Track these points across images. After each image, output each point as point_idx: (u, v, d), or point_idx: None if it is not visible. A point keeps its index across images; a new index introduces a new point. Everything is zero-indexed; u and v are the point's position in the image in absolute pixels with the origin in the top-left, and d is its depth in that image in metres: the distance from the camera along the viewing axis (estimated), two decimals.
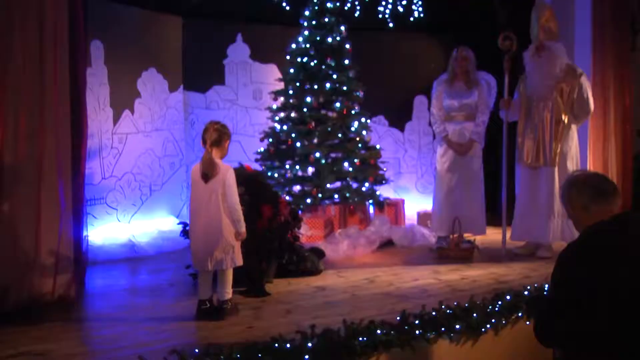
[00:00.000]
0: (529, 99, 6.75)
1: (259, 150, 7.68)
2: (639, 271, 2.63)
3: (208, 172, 4.54)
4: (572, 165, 6.57)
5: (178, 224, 6.02)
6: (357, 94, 7.71)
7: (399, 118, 9.30)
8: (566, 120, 6.59)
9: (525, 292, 4.87)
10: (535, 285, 5.00)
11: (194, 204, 4.62)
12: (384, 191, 7.92)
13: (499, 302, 4.65)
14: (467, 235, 7.01)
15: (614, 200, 2.84)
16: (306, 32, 7.62)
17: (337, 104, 7.46)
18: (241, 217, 4.60)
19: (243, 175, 5.44)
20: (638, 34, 8.93)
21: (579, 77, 6.59)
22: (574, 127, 6.69)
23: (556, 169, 6.56)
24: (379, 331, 4.00)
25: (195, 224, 4.61)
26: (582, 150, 7.09)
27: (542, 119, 6.64)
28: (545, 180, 6.60)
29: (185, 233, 5.67)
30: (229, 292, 4.68)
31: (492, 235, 7.51)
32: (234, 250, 4.60)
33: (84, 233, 5.24)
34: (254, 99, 8.53)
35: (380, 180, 7.62)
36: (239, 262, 4.67)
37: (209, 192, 4.54)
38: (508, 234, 6.83)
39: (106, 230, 7.01)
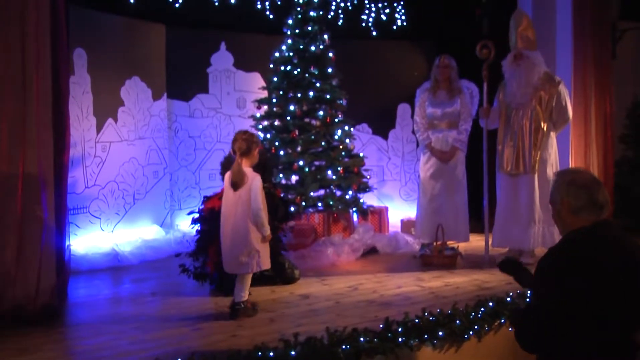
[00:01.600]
0: (508, 107, 6.78)
1: None
2: (616, 280, 2.64)
3: (237, 182, 4.78)
4: (551, 171, 6.59)
5: (188, 213, 6.10)
6: (341, 102, 7.71)
7: (383, 126, 9.31)
8: (545, 128, 6.63)
9: (508, 299, 4.88)
10: (518, 291, 5.02)
11: (223, 210, 4.89)
12: (367, 199, 7.92)
13: (482, 309, 4.66)
14: (451, 243, 7.02)
15: (603, 212, 2.84)
16: (289, 41, 7.62)
17: (321, 112, 7.45)
18: (264, 221, 4.80)
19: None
20: (618, 42, 9.03)
21: (557, 85, 6.63)
22: (553, 135, 6.73)
23: (536, 176, 6.59)
24: (362, 339, 3.99)
25: (224, 229, 4.87)
26: (563, 156, 7.14)
27: (521, 126, 6.68)
28: (525, 188, 6.62)
29: (196, 221, 5.78)
30: (244, 295, 4.86)
31: (475, 242, 7.53)
32: (259, 255, 4.81)
33: (67, 242, 5.19)
34: (237, 107, 8.52)
35: (364, 188, 7.62)
36: (265, 266, 4.90)
37: (237, 199, 4.79)
38: (490, 241, 6.85)
39: (89, 240, 6.96)
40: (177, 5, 7.97)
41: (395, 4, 9.31)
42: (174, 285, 5.92)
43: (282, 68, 7.57)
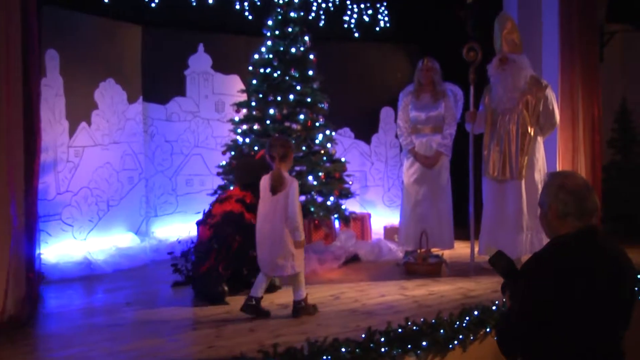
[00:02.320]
0: (495, 112, 6.81)
1: (221, 164, 7.63)
2: (601, 286, 2.66)
3: (276, 186, 5.05)
4: (539, 177, 6.63)
5: (197, 213, 6.03)
6: (322, 105, 7.71)
7: (365, 130, 9.33)
8: (532, 133, 6.66)
9: (494, 308, 4.90)
10: (504, 300, 5.03)
11: (261, 213, 5.16)
12: (349, 205, 7.92)
13: (467, 318, 4.67)
14: (435, 250, 7.04)
15: (591, 218, 2.86)
16: (269, 43, 7.61)
17: (301, 116, 7.45)
18: (299, 226, 5.06)
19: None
20: (606, 45, 9.12)
21: (544, 89, 6.67)
22: (540, 139, 6.76)
23: (523, 181, 6.62)
24: (343, 349, 3.99)
25: (261, 231, 5.14)
26: (550, 161, 7.18)
27: (507, 131, 6.71)
28: (512, 194, 6.65)
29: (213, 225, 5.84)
30: (302, 293, 5.12)
31: (461, 250, 7.55)
32: (294, 258, 5.07)
33: (37, 251, 5.14)
34: (216, 110, 8.50)
35: (346, 194, 7.62)
36: (299, 269, 5.12)
37: (275, 203, 5.06)
38: (476, 249, 6.88)
39: (61, 248, 6.90)
40: (153, 5, 7.94)
41: (378, 5, 9.35)
42: (149, 295, 5.90)
43: (262, 70, 7.56)
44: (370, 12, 9.23)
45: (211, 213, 5.93)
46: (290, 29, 7.58)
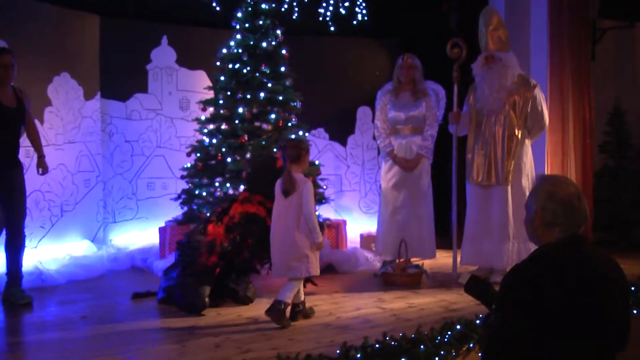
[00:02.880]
0: (480, 113, 6.87)
1: (185, 166, 7.62)
2: (589, 299, 2.67)
3: (288, 189, 5.30)
4: (527, 182, 6.69)
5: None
6: (295, 104, 7.73)
7: (341, 131, 9.36)
8: (520, 135, 6.72)
9: (477, 321, 4.93)
10: (485, 315, 5.07)
11: (274, 215, 5.41)
12: (324, 211, 7.95)
13: (449, 333, 4.69)
14: (415, 260, 7.08)
15: (580, 228, 2.88)
16: (238, 36, 7.63)
17: (273, 116, 7.47)
18: (315, 226, 5.30)
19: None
20: (598, 42, 9.23)
21: (532, 89, 6.73)
22: (527, 142, 6.82)
23: (509, 187, 6.67)
24: None
25: (274, 234, 5.38)
26: (539, 166, 7.26)
27: (493, 134, 6.76)
28: (498, 200, 6.70)
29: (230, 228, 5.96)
30: (288, 297, 5.26)
31: (442, 259, 7.60)
32: (308, 260, 5.29)
33: None
34: (180, 108, 8.49)
35: (320, 199, 7.65)
36: (314, 272, 5.35)
37: (288, 205, 5.30)
38: (459, 258, 6.93)
39: None
40: None
41: None
42: (107, 308, 5.85)
43: (230, 66, 7.57)
44: (347, 4, 9.26)
45: (228, 212, 5.97)
46: (261, 22, 7.61)
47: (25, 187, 6.18)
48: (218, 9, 8.33)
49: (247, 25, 7.63)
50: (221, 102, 7.57)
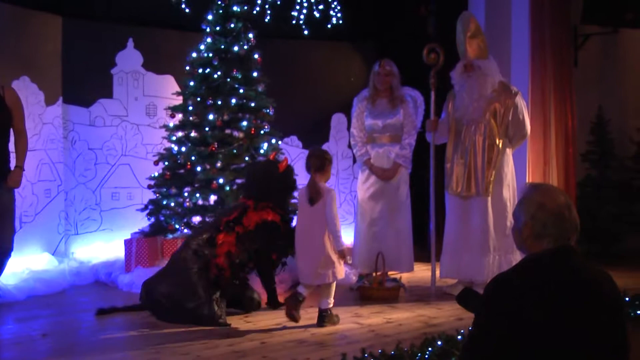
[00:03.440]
0: (459, 122, 6.91)
1: (152, 175, 7.60)
2: (575, 313, 2.67)
3: (313, 197, 5.70)
4: (508, 193, 6.74)
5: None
6: (267, 111, 7.75)
7: (315, 139, 9.32)
8: (500, 145, 6.77)
9: (459, 337, 4.96)
10: (470, 328, 5.10)
11: (299, 224, 5.82)
12: None
13: (430, 349, 4.71)
14: (392, 273, 7.11)
15: (570, 238, 2.89)
16: (209, 39, 7.64)
17: (244, 123, 7.48)
18: (338, 231, 5.65)
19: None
20: (580, 48, 9.35)
21: (513, 97, 6.76)
22: (508, 152, 6.87)
23: (489, 198, 6.72)
24: None
25: (301, 243, 5.78)
26: (520, 175, 7.31)
27: (473, 143, 6.81)
28: (478, 212, 6.74)
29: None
30: (329, 303, 5.71)
31: (421, 272, 7.64)
32: (334, 266, 5.64)
33: None
34: (147, 115, 8.47)
35: (294, 210, 7.65)
36: (340, 276, 5.72)
37: (313, 213, 5.70)
38: (438, 271, 6.97)
39: None
40: None
41: (330, 0, 9.44)
42: (69, 325, 5.80)
43: (200, 71, 7.58)
44: (321, 7, 9.30)
45: (240, 221, 6.01)
46: (232, 25, 7.63)
47: (15, 202, 5.97)
48: (187, 10, 8.32)
49: (218, 28, 7.64)
50: (190, 108, 7.56)
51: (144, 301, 5.97)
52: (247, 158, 7.39)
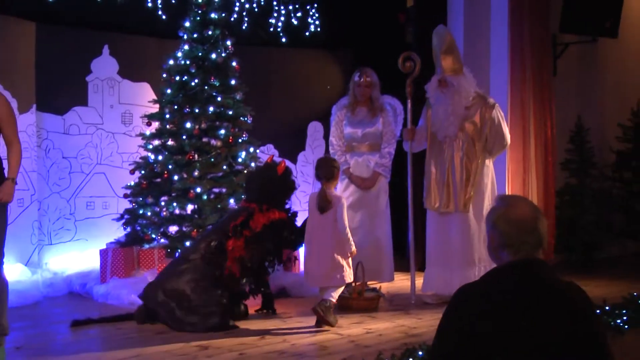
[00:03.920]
0: (435, 137, 6.98)
1: (128, 184, 7.59)
2: (539, 329, 2.65)
3: (324, 206, 6.07)
4: (489, 203, 6.79)
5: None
6: (245, 119, 7.77)
7: (291, 147, 9.36)
8: (479, 160, 6.82)
9: None
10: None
11: (309, 229, 6.21)
12: None
13: (410, 359, 4.76)
14: (372, 283, 7.14)
15: (534, 253, 2.87)
16: (186, 47, 7.64)
17: (222, 131, 7.48)
18: (349, 238, 6.06)
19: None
20: (560, 57, 9.46)
21: (491, 110, 6.80)
22: (488, 163, 6.93)
23: (471, 210, 6.78)
24: None
25: (310, 247, 6.19)
26: (500, 184, 7.38)
27: (451, 158, 6.85)
28: (457, 227, 6.81)
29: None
30: (334, 296, 6.08)
31: (401, 282, 7.68)
32: (344, 269, 6.02)
33: None
34: (122, 123, 8.44)
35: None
36: (348, 280, 6.09)
37: (323, 220, 6.10)
38: (419, 281, 7.01)
39: None
40: None
41: (308, 7, 9.48)
42: (43, 337, 5.77)
43: (177, 78, 7.57)
44: (299, 14, 9.34)
45: (248, 225, 6.15)
46: (210, 32, 7.62)
47: (7, 217, 5.63)
48: (164, 17, 8.31)
49: (195, 35, 7.64)
50: (167, 116, 7.56)
51: (148, 308, 6.07)
52: (224, 167, 7.40)
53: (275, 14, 9.23)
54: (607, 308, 6.08)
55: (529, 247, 2.86)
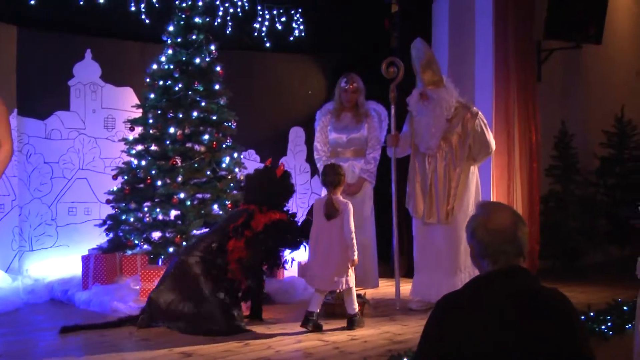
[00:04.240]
0: (417, 147, 7.02)
1: (111, 190, 7.57)
2: (521, 339, 2.66)
3: (332, 214, 6.17)
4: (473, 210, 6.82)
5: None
6: (229, 124, 7.78)
7: (272, 153, 9.31)
8: (463, 170, 6.86)
9: None
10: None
11: (314, 234, 6.28)
12: None
13: None
14: (357, 289, 7.15)
15: (512, 262, 2.86)
16: (170, 51, 7.64)
17: (206, 136, 7.49)
18: (354, 245, 6.16)
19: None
20: (544, 63, 9.53)
21: (474, 119, 6.85)
22: (473, 170, 6.98)
23: (455, 220, 6.80)
24: None
25: (316, 251, 6.26)
26: (485, 190, 7.41)
27: (434, 169, 6.90)
28: (442, 236, 6.89)
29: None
30: (355, 307, 6.26)
31: (386, 288, 7.70)
32: (348, 274, 6.15)
33: None
34: (105, 127, 8.42)
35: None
36: (352, 284, 6.21)
37: (330, 226, 6.19)
38: (403, 287, 7.03)
39: None
40: (32, 2, 7.83)
41: (292, 12, 9.50)
42: (25, 344, 5.74)
43: (161, 83, 7.57)
44: (283, 19, 9.35)
45: (249, 225, 6.22)
46: (194, 37, 7.63)
47: None
48: (147, 21, 8.31)
49: (179, 39, 7.64)
50: (150, 121, 7.55)
51: (152, 313, 6.12)
52: (208, 172, 7.40)
53: (260, 19, 9.25)
54: (591, 314, 6.13)
55: (509, 256, 2.86)
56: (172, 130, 7.39)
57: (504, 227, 2.88)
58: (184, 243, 7.10)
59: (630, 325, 5.86)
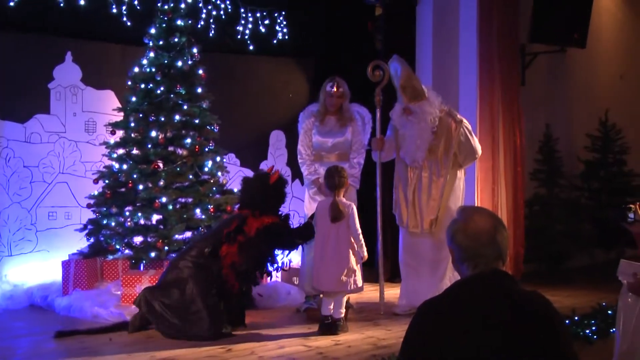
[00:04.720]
0: (403, 160, 7.06)
1: (92, 194, 7.54)
2: (504, 343, 2.65)
3: (337, 216, 6.27)
4: None
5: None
6: (212, 128, 7.77)
7: (253, 156, 9.33)
8: (448, 179, 6.93)
9: None
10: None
11: (320, 236, 6.38)
12: None
13: None
14: None
15: (492, 265, 2.86)
16: (151, 54, 7.63)
17: (188, 140, 7.48)
18: (363, 243, 6.34)
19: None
20: (528, 67, 9.58)
21: (459, 127, 6.91)
22: (459, 175, 7.05)
23: (442, 221, 6.81)
24: None
25: (321, 253, 6.34)
26: (469, 194, 7.45)
27: (418, 179, 6.95)
28: (426, 245, 6.98)
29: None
30: (342, 312, 6.29)
31: (370, 293, 7.71)
32: (355, 274, 6.25)
33: None
34: (85, 131, 8.38)
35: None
36: (359, 284, 6.31)
37: (336, 228, 6.30)
38: (388, 292, 7.04)
39: None
40: (11, 4, 7.79)
41: (276, 15, 9.50)
42: (3, 352, 5.71)
43: (142, 86, 7.56)
44: (267, 22, 9.35)
45: (241, 230, 6.25)
46: (176, 39, 7.62)
47: None
48: (129, 24, 8.28)
49: (161, 42, 7.63)
50: (132, 124, 7.53)
51: (142, 317, 6.16)
52: (190, 176, 7.39)
53: (243, 22, 9.24)
54: (576, 318, 6.16)
55: (488, 260, 2.87)
56: (153, 133, 7.38)
57: (482, 231, 2.89)
58: (166, 248, 7.09)
59: (614, 329, 5.89)
